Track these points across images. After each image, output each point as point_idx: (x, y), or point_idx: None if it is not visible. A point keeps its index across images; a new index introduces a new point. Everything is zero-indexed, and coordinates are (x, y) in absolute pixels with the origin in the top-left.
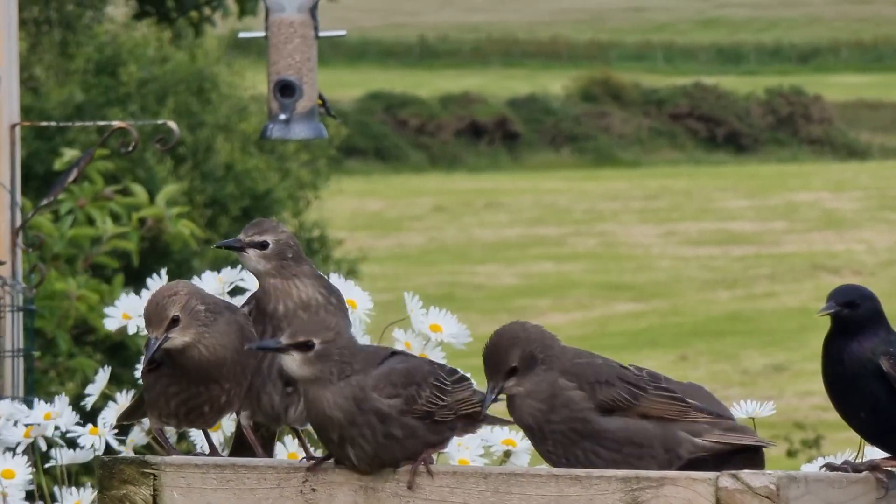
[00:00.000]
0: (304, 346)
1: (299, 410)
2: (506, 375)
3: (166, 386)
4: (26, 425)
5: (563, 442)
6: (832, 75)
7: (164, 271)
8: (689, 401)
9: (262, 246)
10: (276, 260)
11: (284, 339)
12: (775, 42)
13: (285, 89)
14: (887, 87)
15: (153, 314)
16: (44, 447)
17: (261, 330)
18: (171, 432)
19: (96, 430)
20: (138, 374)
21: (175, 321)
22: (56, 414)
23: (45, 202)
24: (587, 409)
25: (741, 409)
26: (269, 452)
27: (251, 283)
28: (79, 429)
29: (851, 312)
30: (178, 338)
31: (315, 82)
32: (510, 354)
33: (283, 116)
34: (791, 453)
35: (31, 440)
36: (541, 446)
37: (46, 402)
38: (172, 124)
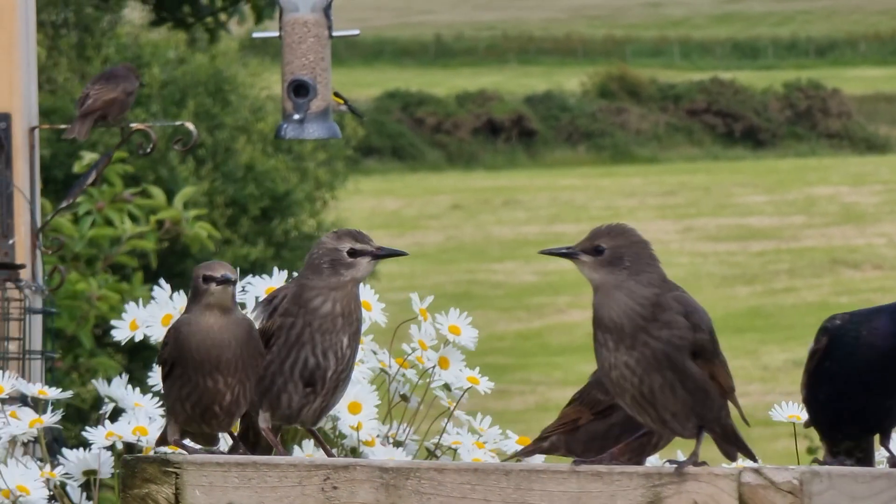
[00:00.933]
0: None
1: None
2: (589, 250)
3: (179, 389)
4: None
5: (649, 361)
6: (850, 69)
7: (162, 281)
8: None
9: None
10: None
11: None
12: (792, 36)
13: (299, 89)
14: None
15: (226, 265)
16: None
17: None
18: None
19: (112, 434)
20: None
21: (235, 283)
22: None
23: (64, 204)
24: (687, 338)
25: (781, 412)
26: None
27: (259, 288)
28: (93, 432)
29: None
30: (230, 296)
31: (329, 82)
32: (611, 238)
33: (297, 116)
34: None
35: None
36: (617, 356)
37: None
38: (191, 125)
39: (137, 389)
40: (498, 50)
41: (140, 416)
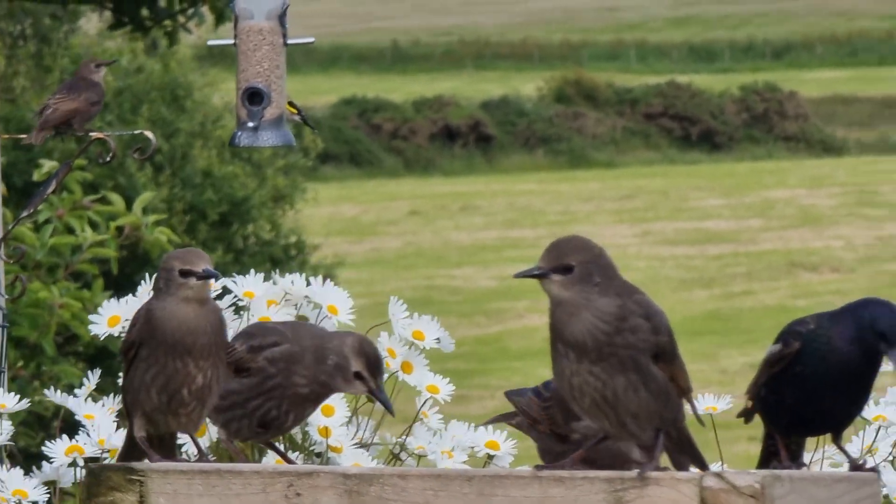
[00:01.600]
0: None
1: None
2: (558, 269)
3: (144, 372)
4: None
5: (614, 366)
6: (807, 71)
7: (147, 277)
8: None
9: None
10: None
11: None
12: (749, 38)
13: (253, 97)
14: (862, 82)
15: (203, 255)
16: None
17: None
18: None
19: (75, 449)
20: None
21: (193, 276)
22: None
23: (25, 213)
24: (650, 341)
25: (700, 405)
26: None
27: (239, 288)
28: (52, 447)
29: None
30: (203, 286)
31: (284, 90)
32: (576, 254)
33: (251, 124)
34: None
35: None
36: (580, 366)
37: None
38: (149, 134)
39: (90, 400)
40: (454, 55)
41: (103, 426)
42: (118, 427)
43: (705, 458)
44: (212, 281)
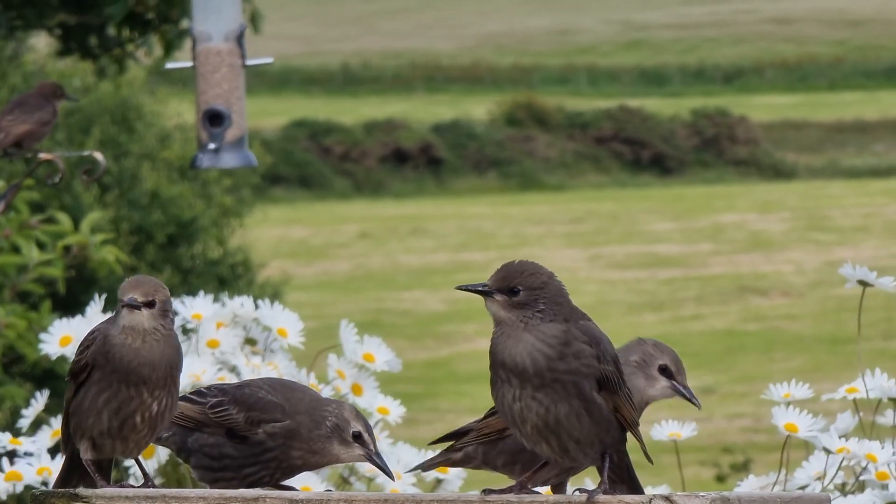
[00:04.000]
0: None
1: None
2: (504, 290)
3: (96, 395)
4: None
5: (558, 392)
6: (757, 96)
7: (97, 297)
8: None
9: None
10: None
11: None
12: (699, 63)
13: (214, 119)
14: (812, 107)
15: (145, 284)
16: None
17: None
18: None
19: (14, 476)
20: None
21: (151, 304)
22: None
23: None
24: (593, 366)
25: (663, 430)
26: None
27: (187, 311)
28: None
29: None
30: (145, 319)
31: (244, 111)
32: (523, 278)
33: (212, 146)
34: (720, 478)
35: None
36: (523, 392)
37: None
38: (98, 155)
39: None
40: (405, 78)
41: (42, 455)
42: (55, 454)
43: (642, 486)
44: (141, 312)
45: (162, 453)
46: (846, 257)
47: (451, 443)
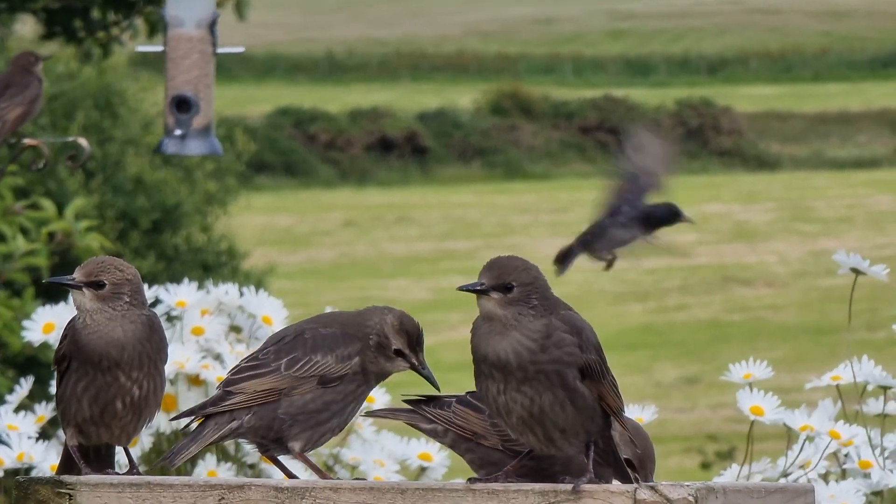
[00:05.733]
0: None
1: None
2: (499, 287)
3: (75, 384)
4: None
5: (542, 383)
6: (742, 86)
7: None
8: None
9: None
10: None
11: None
12: (684, 53)
13: (181, 105)
14: (797, 98)
15: (90, 264)
16: None
17: None
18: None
19: None
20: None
21: (98, 285)
22: None
23: None
24: (575, 355)
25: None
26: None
27: (171, 298)
28: None
29: None
30: (86, 300)
31: (212, 98)
32: (517, 274)
33: (178, 132)
34: (705, 465)
35: None
36: (508, 386)
37: None
38: (83, 141)
39: (10, 413)
40: (390, 66)
41: (23, 440)
42: (39, 439)
43: (629, 472)
44: (85, 291)
45: (146, 441)
46: (830, 248)
47: (424, 398)
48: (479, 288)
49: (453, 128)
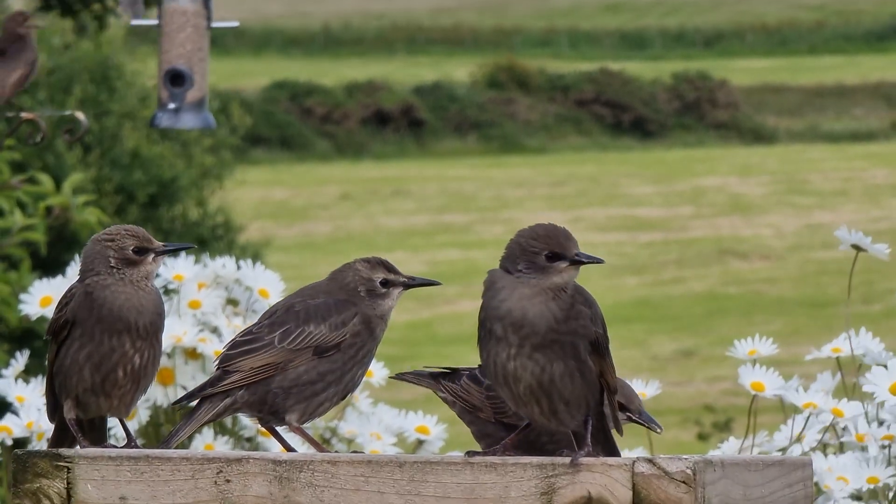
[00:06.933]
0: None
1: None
2: (567, 257)
3: (77, 352)
4: None
5: (556, 353)
6: (737, 60)
7: (77, 257)
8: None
9: None
10: None
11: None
12: (680, 26)
13: (175, 79)
14: (792, 71)
15: (145, 234)
16: None
17: None
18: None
19: (3, 429)
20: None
21: (152, 252)
22: None
23: None
24: (589, 328)
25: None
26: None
27: (170, 272)
28: None
29: None
30: (150, 264)
31: (206, 72)
32: (572, 244)
33: (172, 106)
34: (702, 436)
35: None
36: (520, 350)
37: None
38: (80, 115)
39: (20, 382)
40: (386, 40)
41: (30, 410)
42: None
43: (619, 449)
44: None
45: (143, 414)
46: (826, 221)
47: (443, 371)
48: (598, 259)
49: (449, 101)
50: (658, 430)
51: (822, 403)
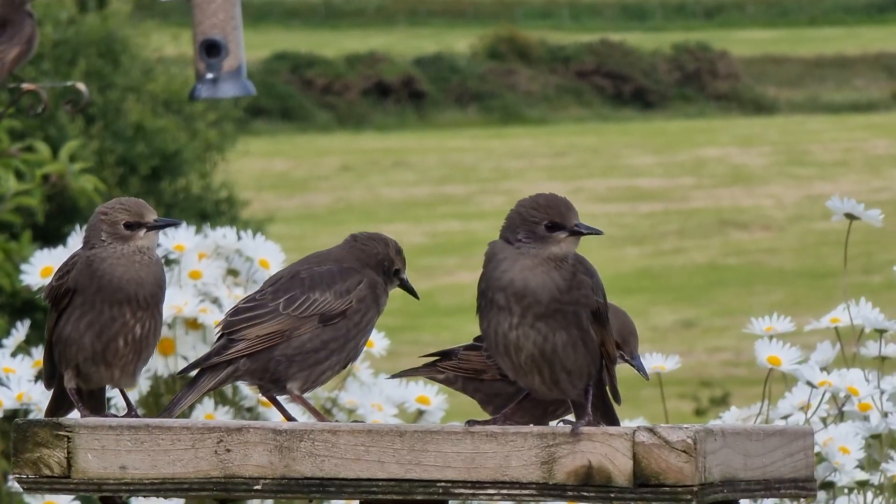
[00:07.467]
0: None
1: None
2: (566, 227)
3: (78, 321)
4: None
5: (559, 322)
6: (738, 30)
7: (78, 228)
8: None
9: None
10: None
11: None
12: None
13: (211, 49)
14: (793, 42)
15: (140, 208)
16: None
17: None
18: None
19: None
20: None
21: (143, 227)
22: None
23: None
24: (591, 297)
25: (647, 363)
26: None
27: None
28: None
29: None
30: (141, 239)
31: (240, 40)
32: (572, 214)
33: (210, 76)
34: (700, 412)
35: None
36: (523, 320)
37: None
38: (81, 86)
39: (8, 354)
40: (387, 11)
41: (21, 382)
42: (37, 380)
43: (619, 419)
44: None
45: (143, 385)
46: (826, 192)
47: (436, 358)
48: (596, 230)
49: (450, 72)
50: (646, 378)
51: (838, 382)
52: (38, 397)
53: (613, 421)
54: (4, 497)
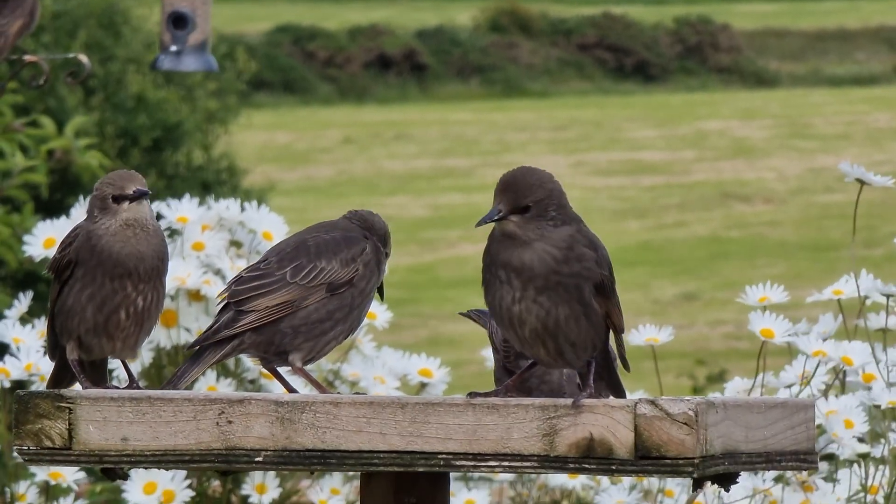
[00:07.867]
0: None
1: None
2: (517, 210)
3: (80, 292)
4: None
5: (560, 295)
6: (739, 4)
7: (81, 199)
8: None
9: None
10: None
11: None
12: None
13: (178, 21)
14: (795, 15)
15: (138, 177)
16: None
17: None
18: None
19: (1, 371)
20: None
21: (126, 199)
22: None
23: None
24: (594, 270)
25: (640, 335)
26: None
27: (173, 213)
28: None
29: None
30: (147, 209)
31: (208, 15)
32: (532, 192)
33: (174, 48)
34: (696, 390)
35: None
36: (525, 294)
37: None
38: (83, 58)
39: (18, 324)
40: None
41: (29, 352)
42: (44, 352)
43: (625, 389)
44: (146, 201)
45: (146, 356)
46: (828, 164)
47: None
48: (496, 218)
49: (452, 45)
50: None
51: (832, 352)
52: (46, 368)
53: (620, 393)
54: (10, 468)
